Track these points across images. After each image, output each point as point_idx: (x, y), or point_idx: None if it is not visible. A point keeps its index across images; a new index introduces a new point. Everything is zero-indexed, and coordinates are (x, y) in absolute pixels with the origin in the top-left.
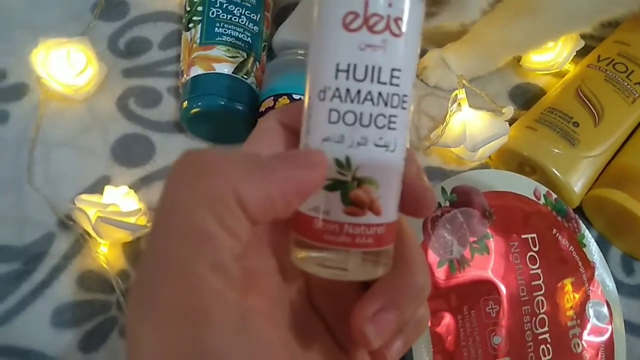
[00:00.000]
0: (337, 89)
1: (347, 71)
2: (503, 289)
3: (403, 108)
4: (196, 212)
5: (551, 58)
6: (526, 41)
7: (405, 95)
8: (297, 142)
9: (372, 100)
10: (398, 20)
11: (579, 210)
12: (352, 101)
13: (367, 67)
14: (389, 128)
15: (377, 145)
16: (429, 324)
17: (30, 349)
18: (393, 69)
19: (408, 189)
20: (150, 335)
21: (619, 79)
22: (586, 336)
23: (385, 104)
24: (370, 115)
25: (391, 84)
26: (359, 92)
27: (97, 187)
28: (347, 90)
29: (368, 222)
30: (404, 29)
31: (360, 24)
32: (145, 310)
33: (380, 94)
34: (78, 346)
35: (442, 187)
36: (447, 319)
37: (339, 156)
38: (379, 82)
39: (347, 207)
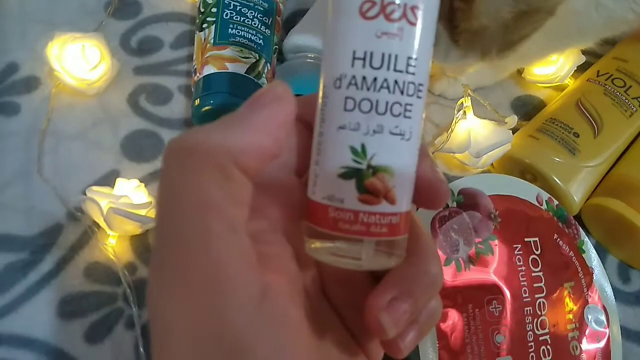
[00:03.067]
0: (354, 77)
1: (364, 59)
2: (506, 289)
3: (419, 97)
4: (199, 186)
5: (553, 72)
6: (534, 54)
7: (420, 84)
8: (309, 134)
9: (388, 88)
10: (414, 8)
11: (577, 218)
12: (368, 89)
13: (383, 55)
14: (405, 116)
15: (392, 134)
16: None
17: (36, 338)
18: (409, 57)
19: (423, 180)
20: (174, 314)
21: (618, 93)
22: (584, 340)
23: (402, 92)
24: (387, 103)
25: (407, 72)
26: (375, 79)
27: (106, 181)
28: (364, 78)
29: (383, 210)
30: (420, 17)
31: (377, 12)
32: (165, 285)
33: (396, 82)
34: (83, 337)
35: (450, 189)
36: (453, 316)
37: (355, 144)
38: (395, 70)
39: (362, 195)
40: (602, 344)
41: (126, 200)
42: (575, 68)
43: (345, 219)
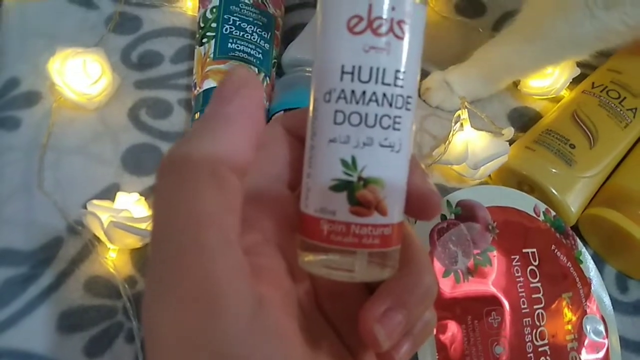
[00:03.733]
0: (343, 91)
1: (352, 73)
2: (505, 300)
3: (407, 109)
4: (192, 196)
5: (549, 84)
6: (530, 66)
7: (409, 97)
8: (301, 147)
9: (376, 101)
10: (401, 23)
11: (574, 229)
12: (357, 102)
13: (371, 68)
14: (394, 129)
15: (382, 146)
16: (434, 332)
17: (35, 352)
18: (397, 71)
19: (414, 191)
20: (167, 325)
21: (612, 104)
22: (583, 350)
23: (390, 105)
24: (376, 115)
25: (395, 85)
26: (364, 93)
27: (106, 194)
28: (352, 91)
29: (374, 222)
30: (407, 31)
31: (364, 27)
32: (159, 297)
33: (384, 95)
34: (83, 351)
35: (447, 201)
36: (452, 328)
37: (345, 156)
38: (383, 83)
39: (354, 207)
40: (601, 354)
41: (127, 214)
42: (571, 80)
43: (337, 231)
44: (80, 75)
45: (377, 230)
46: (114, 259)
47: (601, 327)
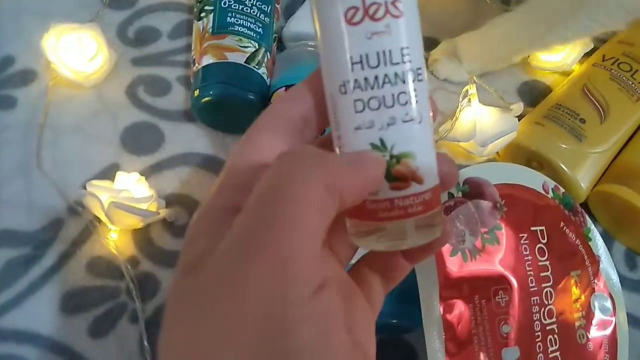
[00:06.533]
0: (356, 80)
1: (361, 62)
2: (513, 279)
3: (420, 80)
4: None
5: (560, 59)
6: (539, 44)
7: (419, 68)
8: (298, 129)
9: (390, 82)
10: (395, 2)
11: (584, 205)
12: (372, 88)
13: (377, 53)
14: (412, 102)
15: (405, 121)
16: (441, 312)
17: (39, 333)
18: (402, 48)
19: None
20: (250, 275)
21: (624, 77)
22: (591, 328)
23: (404, 82)
24: (392, 95)
25: (403, 62)
26: (376, 77)
27: (106, 174)
28: (365, 79)
29: (414, 192)
30: (402, 8)
31: (362, 16)
32: (248, 255)
33: (396, 74)
34: (88, 331)
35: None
36: (459, 307)
37: (374, 140)
38: (392, 63)
39: (393, 183)
40: (608, 331)
41: (127, 194)
42: (583, 55)
43: (383, 208)
44: (76, 52)
45: (419, 198)
46: (115, 239)
47: (609, 305)
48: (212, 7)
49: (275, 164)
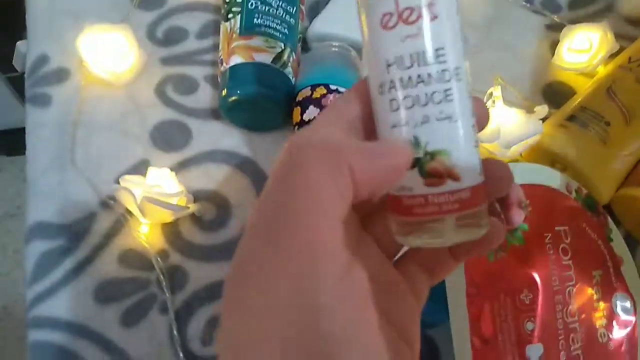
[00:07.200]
0: (391, 81)
1: (395, 64)
2: (537, 278)
3: (458, 80)
4: (314, 173)
5: (586, 60)
6: None
7: (457, 68)
8: (354, 128)
9: (423, 81)
10: (430, 5)
11: (608, 208)
12: (405, 88)
13: (411, 55)
14: (447, 101)
15: (439, 120)
16: (468, 308)
17: (75, 321)
18: (436, 49)
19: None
20: (273, 263)
21: None
22: (612, 328)
23: (438, 81)
24: (426, 94)
25: (438, 62)
26: (410, 78)
27: (136, 170)
28: (400, 79)
29: (450, 189)
30: (437, 11)
31: (396, 21)
32: (274, 243)
33: (429, 74)
34: (120, 320)
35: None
36: (484, 304)
37: (408, 138)
38: (425, 64)
39: (427, 180)
40: (628, 330)
41: (159, 189)
42: (609, 56)
43: (417, 203)
44: (108, 52)
45: (454, 196)
46: (146, 232)
47: (630, 305)
48: (239, 9)
49: (282, 151)
